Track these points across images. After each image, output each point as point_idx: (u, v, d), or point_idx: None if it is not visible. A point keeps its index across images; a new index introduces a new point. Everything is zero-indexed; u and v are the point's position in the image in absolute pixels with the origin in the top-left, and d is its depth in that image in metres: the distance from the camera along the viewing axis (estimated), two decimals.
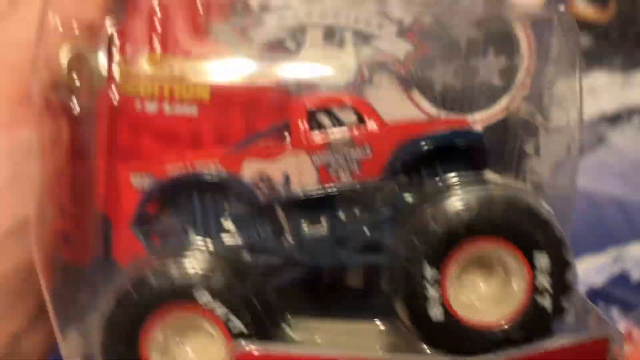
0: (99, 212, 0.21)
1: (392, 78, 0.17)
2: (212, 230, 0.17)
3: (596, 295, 0.44)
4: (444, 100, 0.16)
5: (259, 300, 0.16)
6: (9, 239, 0.27)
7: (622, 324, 0.42)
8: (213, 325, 0.16)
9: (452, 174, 0.16)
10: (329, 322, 0.18)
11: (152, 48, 0.18)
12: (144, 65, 0.17)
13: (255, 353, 0.15)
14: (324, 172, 0.16)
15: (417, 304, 0.15)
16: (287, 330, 0.18)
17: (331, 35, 0.17)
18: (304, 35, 0.18)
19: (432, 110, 0.16)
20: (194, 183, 0.17)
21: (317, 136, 0.16)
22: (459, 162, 0.17)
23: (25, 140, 0.24)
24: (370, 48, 0.17)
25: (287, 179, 0.16)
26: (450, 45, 0.17)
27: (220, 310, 0.16)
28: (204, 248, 0.16)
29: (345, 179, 0.16)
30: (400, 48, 0.16)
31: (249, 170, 0.16)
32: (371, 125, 0.16)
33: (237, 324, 0.16)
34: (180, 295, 0.16)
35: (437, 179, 0.16)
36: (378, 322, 0.18)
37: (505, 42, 0.17)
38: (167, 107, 0.17)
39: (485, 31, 0.17)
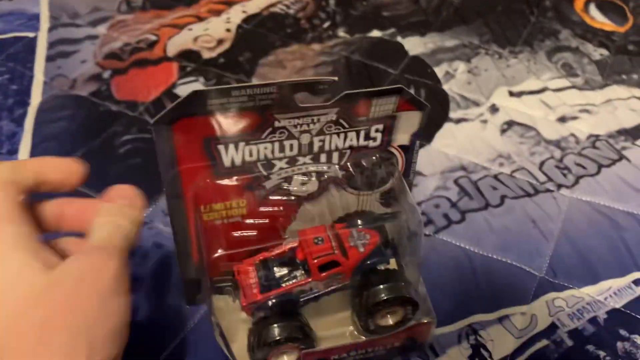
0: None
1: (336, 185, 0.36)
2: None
3: (617, 317, 0.42)
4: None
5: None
6: None
7: None
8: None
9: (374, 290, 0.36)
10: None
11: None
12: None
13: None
14: (327, 286, 0.36)
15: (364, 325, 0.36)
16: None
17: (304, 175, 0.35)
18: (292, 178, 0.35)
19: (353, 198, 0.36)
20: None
21: (324, 274, 0.35)
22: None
23: None
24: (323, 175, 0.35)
25: (311, 289, 0.35)
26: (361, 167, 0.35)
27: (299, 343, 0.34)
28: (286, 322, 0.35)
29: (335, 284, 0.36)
30: (339, 173, 0.35)
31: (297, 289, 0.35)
32: (343, 264, 0.35)
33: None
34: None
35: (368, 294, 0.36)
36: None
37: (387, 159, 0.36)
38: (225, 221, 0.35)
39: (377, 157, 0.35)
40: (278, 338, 0.33)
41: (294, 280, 0.34)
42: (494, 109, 0.59)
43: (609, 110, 0.59)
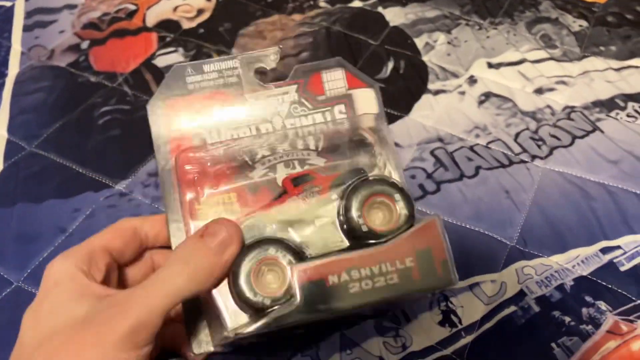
0: None
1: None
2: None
3: (583, 285, 0.44)
4: None
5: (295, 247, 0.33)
6: None
7: (609, 317, 0.41)
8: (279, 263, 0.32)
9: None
10: None
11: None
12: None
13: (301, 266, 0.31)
14: (305, 200, 0.34)
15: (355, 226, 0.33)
16: None
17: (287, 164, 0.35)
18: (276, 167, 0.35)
19: None
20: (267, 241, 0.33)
21: (296, 187, 0.34)
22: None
23: None
24: (306, 163, 0.35)
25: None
26: (340, 152, 0.36)
27: (280, 254, 0.32)
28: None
29: (314, 200, 0.34)
30: (321, 160, 0.35)
31: (274, 211, 0.34)
32: (318, 177, 0.35)
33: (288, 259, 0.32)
34: (261, 255, 0.32)
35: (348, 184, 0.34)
36: None
37: (364, 143, 0.36)
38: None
39: (354, 140, 0.36)
40: (260, 247, 0.32)
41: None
42: (472, 80, 0.60)
43: (586, 82, 0.60)
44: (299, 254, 0.32)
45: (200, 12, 0.69)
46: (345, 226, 0.33)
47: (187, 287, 0.29)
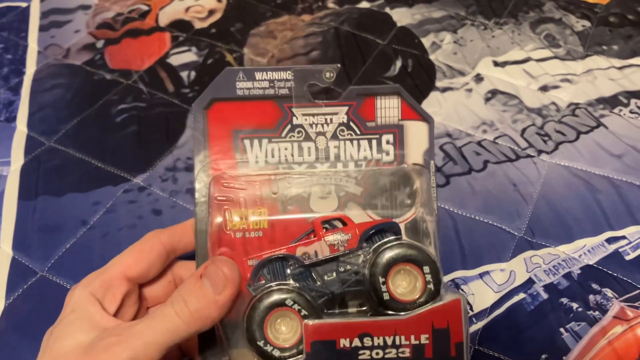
0: None
1: (356, 204, 0.35)
2: (280, 276, 0.33)
3: (590, 273, 0.45)
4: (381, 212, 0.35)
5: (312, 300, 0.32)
6: None
7: (615, 303, 0.42)
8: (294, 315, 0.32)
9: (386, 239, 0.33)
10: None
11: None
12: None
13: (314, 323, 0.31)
14: (332, 248, 0.33)
15: (377, 291, 0.32)
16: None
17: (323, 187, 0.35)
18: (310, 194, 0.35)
19: (376, 217, 0.35)
20: (276, 259, 0.33)
21: (326, 232, 0.34)
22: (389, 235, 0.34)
23: None
24: (343, 190, 0.35)
25: (316, 253, 0.33)
26: (381, 186, 0.35)
27: (296, 307, 0.32)
28: (283, 286, 0.32)
29: (342, 249, 0.33)
30: (358, 189, 0.35)
31: (299, 251, 0.33)
32: (350, 224, 0.33)
33: (304, 313, 0.32)
34: (279, 304, 0.32)
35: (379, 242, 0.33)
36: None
37: (407, 181, 0.35)
38: (247, 234, 0.34)
39: (397, 177, 0.35)
40: (275, 297, 0.31)
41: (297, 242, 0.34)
42: (478, 78, 0.61)
43: (589, 80, 0.62)
44: (315, 307, 0.32)
45: (211, 12, 0.70)
46: (367, 285, 0.32)
47: (184, 328, 0.30)
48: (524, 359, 0.40)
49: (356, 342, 0.30)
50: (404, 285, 0.32)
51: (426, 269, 0.32)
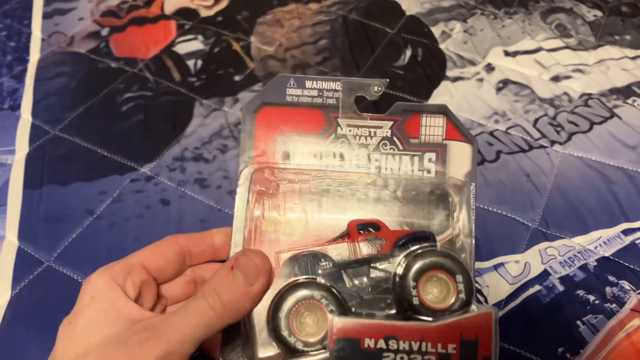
0: None
1: (392, 219, 0.35)
2: (312, 272, 0.33)
3: (606, 265, 0.44)
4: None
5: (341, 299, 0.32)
6: None
7: (632, 295, 0.42)
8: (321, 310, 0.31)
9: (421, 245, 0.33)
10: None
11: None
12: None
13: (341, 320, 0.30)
14: (365, 251, 0.33)
15: (407, 296, 0.32)
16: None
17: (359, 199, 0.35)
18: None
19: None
20: (309, 255, 0.33)
21: (360, 235, 0.33)
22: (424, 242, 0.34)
23: None
24: (381, 202, 0.35)
25: (348, 255, 0.33)
26: (420, 202, 0.35)
27: (324, 301, 0.31)
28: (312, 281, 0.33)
29: (374, 252, 0.33)
30: (396, 204, 0.35)
31: (331, 252, 0.33)
32: (385, 229, 0.33)
33: (331, 309, 0.31)
34: (307, 297, 0.32)
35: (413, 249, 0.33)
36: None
37: (445, 199, 0.35)
38: (281, 229, 0.34)
39: (436, 195, 0.35)
40: (304, 289, 0.31)
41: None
42: (489, 68, 0.60)
43: (602, 70, 0.61)
44: (342, 304, 0.32)
45: (217, 0, 0.69)
46: (397, 290, 0.32)
47: (216, 321, 0.29)
48: (539, 353, 0.39)
49: (381, 344, 0.30)
50: (435, 292, 0.32)
51: (459, 277, 0.31)
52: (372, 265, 0.33)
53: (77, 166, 0.50)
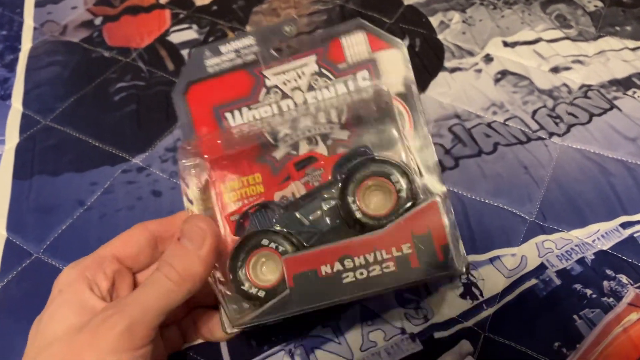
0: None
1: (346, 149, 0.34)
2: (267, 224, 0.33)
3: (604, 259, 0.44)
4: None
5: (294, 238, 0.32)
6: None
7: (630, 289, 0.41)
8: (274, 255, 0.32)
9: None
10: None
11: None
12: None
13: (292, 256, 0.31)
14: (307, 185, 0.33)
15: (349, 212, 0.31)
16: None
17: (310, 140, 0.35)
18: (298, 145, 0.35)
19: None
20: (257, 209, 0.33)
21: (297, 171, 0.33)
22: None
23: None
24: (329, 138, 0.34)
25: (293, 195, 0.33)
26: (366, 123, 0.34)
27: (273, 245, 0.31)
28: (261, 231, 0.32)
29: (316, 184, 0.33)
30: (344, 133, 0.34)
31: (277, 197, 0.34)
32: (321, 159, 0.33)
33: (283, 249, 0.31)
34: (255, 246, 0.32)
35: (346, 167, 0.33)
36: None
37: (391, 111, 0.33)
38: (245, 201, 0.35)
39: (380, 108, 0.34)
40: (252, 240, 0.31)
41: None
42: (488, 58, 0.60)
43: (602, 61, 0.60)
44: (294, 243, 0.31)
45: None
46: (341, 212, 0.31)
47: (176, 289, 0.29)
48: (535, 348, 0.38)
49: (337, 267, 0.30)
50: (376, 200, 0.31)
51: (394, 177, 0.30)
52: (323, 197, 0.32)
53: (68, 157, 0.50)
